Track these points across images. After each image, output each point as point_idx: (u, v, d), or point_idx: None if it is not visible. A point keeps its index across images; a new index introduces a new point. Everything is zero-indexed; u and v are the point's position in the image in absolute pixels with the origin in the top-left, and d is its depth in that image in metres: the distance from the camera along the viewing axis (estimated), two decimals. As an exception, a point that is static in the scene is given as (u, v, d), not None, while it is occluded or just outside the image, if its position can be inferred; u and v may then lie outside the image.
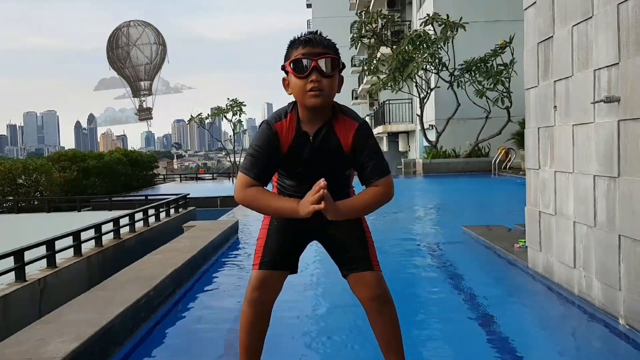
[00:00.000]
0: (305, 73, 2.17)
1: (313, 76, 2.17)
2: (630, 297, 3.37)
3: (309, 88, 2.17)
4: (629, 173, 3.33)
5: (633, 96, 3.26)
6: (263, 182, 2.26)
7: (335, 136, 2.28)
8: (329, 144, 2.28)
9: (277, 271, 2.41)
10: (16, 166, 21.72)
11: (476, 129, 20.49)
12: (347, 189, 2.46)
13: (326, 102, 2.23)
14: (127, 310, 3.62)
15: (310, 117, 2.27)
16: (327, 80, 2.19)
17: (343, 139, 2.27)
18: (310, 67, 2.17)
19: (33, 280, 6.97)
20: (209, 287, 5.10)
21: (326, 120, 2.28)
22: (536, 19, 4.71)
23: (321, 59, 2.18)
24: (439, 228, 8.61)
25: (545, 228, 4.66)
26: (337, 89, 2.26)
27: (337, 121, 2.29)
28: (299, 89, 2.20)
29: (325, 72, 2.18)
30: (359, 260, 2.39)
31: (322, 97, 2.19)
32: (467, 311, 4.14)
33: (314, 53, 2.18)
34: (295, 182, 2.39)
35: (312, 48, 2.19)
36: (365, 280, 2.38)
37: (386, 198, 2.30)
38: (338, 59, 2.23)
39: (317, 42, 2.21)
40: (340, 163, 2.33)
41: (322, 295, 4.69)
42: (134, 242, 10.47)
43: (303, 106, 2.25)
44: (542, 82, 4.64)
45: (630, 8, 3.29)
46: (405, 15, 30.61)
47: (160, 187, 28.04)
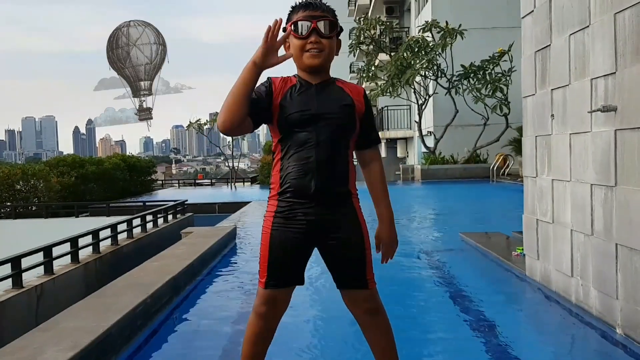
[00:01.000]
0: (305, 34, 2.29)
1: (312, 37, 2.29)
2: (627, 306, 3.38)
3: (308, 48, 2.29)
4: (626, 182, 3.33)
5: (630, 105, 3.28)
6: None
7: (344, 91, 2.38)
8: (337, 96, 2.35)
9: (283, 289, 2.39)
10: (14, 172, 21.68)
11: (474, 135, 20.54)
12: (348, 165, 2.37)
13: (324, 62, 2.33)
14: (124, 318, 3.61)
15: (310, 77, 2.36)
16: (326, 41, 2.30)
17: (355, 97, 2.38)
18: (310, 29, 2.29)
19: (30, 287, 6.95)
20: (206, 295, 5.09)
21: (329, 78, 2.39)
22: (534, 28, 4.73)
23: (320, 21, 2.29)
24: (436, 235, 8.61)
25: (543, 236, 4.66)
26: (335, 52, 2.37)
27: (340, 82, 2.42)
28: (298, 49, 2.31)
29: (324, 33, 2.30)
30: (355, 279, 2.38)
31: (321, 57, 2.31)
32: (464, 319, 4.13)
33: (313, 16, 2.30)
34: (301, 153, 2.28)
35: (312, 11, 2.31)
36: (359, 297, 2.39)
37: (383, 168, 2.49)
38: (336, 22, 2.35)
39: (317, 6, 2.33)
40: (348, 120, 2.33)
41: (319, 298, 4.68)
42: (132, 248, 10.45)
43: (302, 68, 2.36)
44: (539, 90, 4.65)
45: (627, 17, 3.30)
46: (403, 22, 30.73)
47: (158, 193, 28.00)
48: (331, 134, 2.29)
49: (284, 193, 2.32)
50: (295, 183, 2.28)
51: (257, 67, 2.21)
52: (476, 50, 20.09)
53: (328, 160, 2.28)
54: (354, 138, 2.40)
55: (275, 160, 2.38)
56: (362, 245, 2.38)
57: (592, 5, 3.72)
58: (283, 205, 2.33)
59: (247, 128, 2.29)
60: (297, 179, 2.28)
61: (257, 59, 2.20)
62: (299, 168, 2.28)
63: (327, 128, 2.28)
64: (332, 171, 2.30)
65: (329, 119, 2.29)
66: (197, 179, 45.12)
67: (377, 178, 2.45)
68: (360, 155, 2.48)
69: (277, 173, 2.36)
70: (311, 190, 2.27)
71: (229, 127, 2.23)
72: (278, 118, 2.31)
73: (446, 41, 19.32)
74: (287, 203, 2.32)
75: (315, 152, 2.27)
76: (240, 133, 2.36)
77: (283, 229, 2.33)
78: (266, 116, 2.32)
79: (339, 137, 2.31)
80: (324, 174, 2.28)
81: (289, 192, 2.30)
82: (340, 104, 2.33)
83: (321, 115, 2.29)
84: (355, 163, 2.42)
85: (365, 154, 2.46)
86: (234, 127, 2.23)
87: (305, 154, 2.28)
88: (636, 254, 3.25)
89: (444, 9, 22.95)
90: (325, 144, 2.27)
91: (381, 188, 2.45)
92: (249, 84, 2.21)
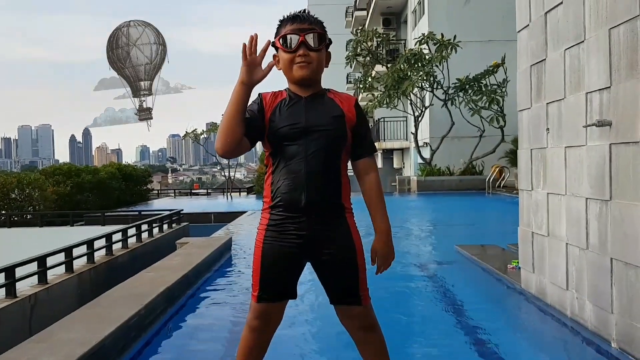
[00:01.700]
0: (293, 47, 2.28)
1: (301, 50, 2.28)
2: (622, 320, 3.38)
3: (297, 61, 2.29)
4: (621, 197, 3.35)
5: (624, 120, 3.29)
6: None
7: (334, 103, 2.36)
8: (328, 108, 2.33)
9: (276, 303, 2.38)
10: (9, 181, 21.60)
11: (470, 147, 20.61)
12: (340, 178, 2.35)
13: (313, 74, 2.32)
14: (118, 329, 3.59)
15: (300, 90, 2.35)
16: (315, 54, 2.30)
17: (345, 107, 2.36)
18: (298, 42, 2.28)
19: (24, 297, 6.90)
20: (201, 306, 5.07)
21: (320, 90, 2.38)
22: (529, 42, 4.76)
23: (308, 33, 2.29)
24: (432, 247, 8.60)
25: (538, 249, 4.66)
26: (325, 64, 2.36)
27: (331, 93, 2.40)
28: (287, 62, 2.30)
29: (312, 46, 2.29)
30: (348, 296, 2.36)
31: (309, 69, 2.29)
32: (459, 332, 4.12)
33: (301, 29, 2.29)
34: (291, 166, 2.27)
35: (300, 24, 2.30)
36: (353, 314, 2.38)
37: (379, 177, 2.45)
38: (325, 34, 2.34)
39: (304, 19, 2.32)
40: (338, 132, 2.31)
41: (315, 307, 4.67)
42: (127, 258, 10.40)
43: (292, 81, 2.34)
44: (534, 104, 4.68)
45: (621, 33, 3.33)
46: (400, 34, 30.88)
47: (154, 203, 27.93)
48: (321, 147, 2.27)
49: (275, 207, 2.31)
50: (286, 197, 2.28)
51: (245, 85, 2.22)
52: (472, 62, 20.23)
53: (318, 173, 2.27)
54: (347, 149, 2.38)
55: (268, 173, 2.38)
56: (354, 261, 2.35)
57: (587, 20, 3.75)
58: (275, 219, 2.32)
59: (244, 148, 2.29)
60: (287, 192, 2.27)
61: (243, 77, 2.21)
62: (289, 182, 2.27)
63: (318, 140, 2.27)
64: (323, 184, 2.28)
65: (319, 132, 2.28)
66: (193, 188, 44.98)
67: (372, 188, 2.40)
68: (355, 165, 2.44)
69: (268, 186, 2.36)
70: (302, 204, 2.26)
71: (228, 150, 2.24)
72: (268, 132, 2.31)
73: (443, 54, 19.43)
74: (279, 217, 2.31)
75: (305, 165, 2.25)
76: (239, 154, 2.35)
77: (275, 242, 2.32)
78: (261, 133, 2.32)
79: (329, 149, 2.29)
80: (315, 187, 2.26)
81: (280, 206, 2.30)
82: (330, 116, 2.31)
83: (311, 128, 2.28)
84: (351, 174, 2.40)
85: (360, 164, 2.42)
86: (232, 149, 2.24)
87: (295, 167, 2.27)
88: (631, 269, 3.26)
89: (440, 21, 23.12)
90: (315, 156, 2.26)
91: (377, 199, 2.40)
92: (240, 103, 2.22)
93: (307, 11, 2.38)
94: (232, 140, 2.23)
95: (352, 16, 39.57)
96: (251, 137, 2.29)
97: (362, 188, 2.43)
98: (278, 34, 2.33)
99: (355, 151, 2.40)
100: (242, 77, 2.22)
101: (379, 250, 2.40)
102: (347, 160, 2.42)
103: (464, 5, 23.63)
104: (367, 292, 2.40)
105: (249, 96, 2.26)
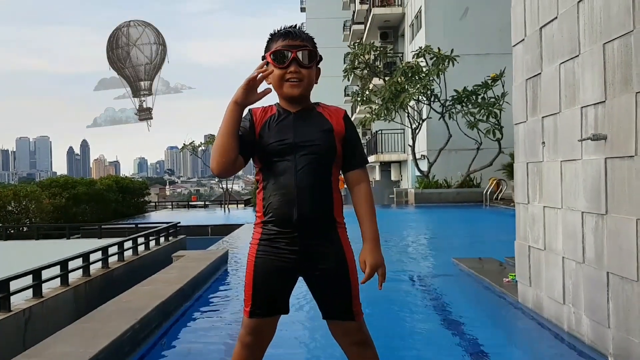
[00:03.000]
0: (285, 64, 2.27)
1: (292, 67, 2.28)
2: (619, 335, 3.36)
3: (288, 78, 2.28)
4: (617, 211, 3.34)
5: (619, 134, 3.30)
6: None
7: (323, 117, 2.35)
8: (316, 122, 2.33)
9: (268, 318, 2.36)
10: (6, 193, 21.57)
11: (467, 159, 20.65)
12: (331, 193, 2.34)
13: (304, 91, 2.32)
14: (112, 344, 3.56)
15: (290, 105, 2.35)
16: (306, 71, 2.30)
17: (334, 121, 2.35)
18: (290, 59, 2.28)
19: (18, 310, 6.87)
20: (196, 320, 5.03)
21: (309, 105, 2.38)
22: (524, 56, 4.78)
23: (300, 50, 2.29)
24: (429, 259, 8.58)
25: (535, 263, 4.65)
26: (315, 80, 2.37)
27: (320, 107, 2.40)
28: (278, 78, 2.30)
29: (304, 63, 2.29)
30: (341, 311, 2.34)
31: (300, 87, 2.30)
32: (455, 346, 4.10)
33: (293, 45, 2.29)
34: (282, 182, 2.27)
35: (292, 40, 2.30)
36: (346, 329, 2.36)
37: (370, 188, 2.44)
38: (316, 52, 2.34)
39: (296, 35, 2.32)
40: (327, 147, 2.30)
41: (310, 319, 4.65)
42: (123, 271, 10.36)
43: (282, 97, 2.35)
44: (530, 117, 4.69)
45: (615, 47, 3.35)
46: (397, 48, 31.05)
47: (151, 215, 27.89)
48: (311, 162, 2.27)
49: (267, 222, 2.31)
50: (278, 212, 2.27)
51: (238, 105, 2.23)
52: (469, 75, 20.32)
53: (309, 188, 2.26)
54: (338, 164, 2.37)
55: (259, 188, 2.38)
56: (347, 277, 2.34)
57: (581, 35, 3.77)
58: (267, 234, 2.31)
59: (239, 165, 2.29)
60: (278, 208, 2.27)
61: (238, 98, 2.22)
62: (280, 197, 2.27)
63: (307, 156, 2.27)
64: (314, 199, 2.27)
65: (308, 147, 2.28)
66: (190, 200, 44.96)
67: (362, 198, 2.37)
68: (347, 177, 2.42)
69: (260, 201, 2.36)
70: (293, 219, 2.25)
71: (223, 169, 2.24)
72: (258, 148, 2.31)
73: (439, 67, 19.53)
74: (271, 232, 2.30)
75: (296, 180, 2.25)
76: (234, 172, 2.34)
77: (268, 257, 2.31)
78: (254, 148, 2.32)
79: (319, 164, 2.29)
80: (306, 202, 2.25)
81: (272, 221, 2.30)
82: (319, 130, 2.31)
83: (299, 143, 2.28)
84: (344, 193, 2.39)
85: (351, 175, 2.40)
86: (228, 167, 2.24)
87: (286, 183, 2.26)
88: (627, 283, 3.25)
89: (437, 35, 23.26)
90: (305, 171, 2.26)
91: (366, 208, 2.37)
92: (234, 123, 2.23)
93: (299, 27, 2.39)
94: (226, 159, 2.23)
95: (349, 30, 39.78)
96: (245, 154, 2.29)
97: (353, 199, 2.41)
98: (269, 49, 2.33)
99: (346, 163, 2.39)
100: (237, 97, 2.22)
101: (368, 259, 2.35)
102: (338, 175, 2.41)
103: (461, 19, 23.82)
104: (360, 307, 2.38)
105: (242, 116, 2.27)
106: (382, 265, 2.36)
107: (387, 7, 30.00)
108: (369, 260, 2.34)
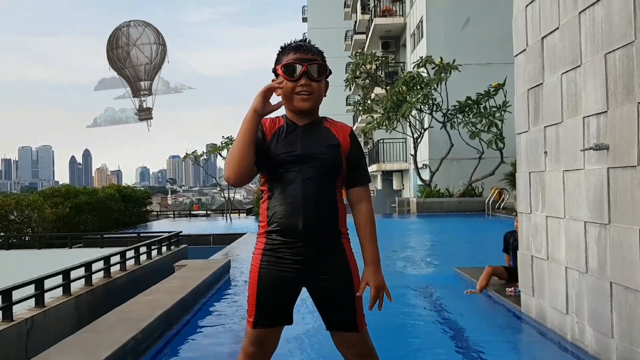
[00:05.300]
0: (296, 77, 2.30)
1: (303, 80, 2.30)
2: (622, 345, 3.35)
3: (298, 91, 2.31)
4: (619, 220, 3.34)
5: (621, 144, 3.30)
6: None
7: (330, 132, 2.38)
8: (324, 137, 2.35)
9: (272, 329, 2.36)
10: (8, 202, 21.59)
11: (469, 169, 20.63)
12: (336, 204, 2.36)
13: (314, 105, 2.35)
14: (114, 354, 3.56)
15: (298, 118, 2.37)
16: (316, 84, 2.33)
17: (341, 137, 2.38)
18: (301, 72, 2.30)
19: (20, 320, 6.85)
20: (198, 329, 5.03)
21: (317, 119, 2.40)
22: (526, 66, 4.80)
23: (311, 64, 2.32)
24: (431, 269, 8.56)
25: (538, 273, 4.64)
26: (324, 93, 2.40)
27: (327, 122, 2.42)
28: (288, 91, 2.32)
29: (314, 76, 2.32)
30: (344, 323, 2.34)
31: (311, 100, 2.33)
32: (458, 356, 4.08)
33: (304, 59, 2.32)
34: (288, 192, 2.29)
35: (303, 54, 2.33)
36: (349, 340, 2.36)
37: (372, 207, 2.44)
38: (326, 66, 2.38)
39: (307, 49, 2.35)
40: (334, 161, 2.33)
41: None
42: (125, 280, 10.34)
43: (291, 110, 2.37)
44: (532, 127, 4.70)
45: (617, 58, 3.36)
46: (399, 57, 31.13)
47: (153, 224, 27.88)
48: (317, 174, 2.29)
49: (272, 232, 2.32)
50: (283, 222, 2.28)
51: (257, 114, 2.24)
52: (471, 85, 20.34)
53: (315, 200, 2.28)
54: (342, 177, 2.39)
55: (264, 198, 2.39)
56: (351, 288, 2.34)
57: (583, 45, 3.78)
58: (271, 244, 2.32)
59: (253, 175, 2.31)
60: (284, 217, 2.28)
61: (258, 107, 2.23)
62: (286, 207, 2.28)
63: (313, 169, 2.29)
64: (319, 210, 2.29)
65: (314, 160, 2.30)
66: (192, 209, 44.95)
67: (364, 219, 2.39)
68: (349, 193, 2.44)
69: (264, 211, 2.37)
70: (299, 229, 2.26)
71: (239, 178, 2.26)
72: (265, 159, 2.32)
73: (441, 77, 19.56)
74: (275, 242, 2.31)
75: (302, 191, 2.27)
76: (249, 181, 2.35)
77: (271, 267, 2.32)
78: (267, 158, 2.33)
79: (325, 176, 2.31)
80: (311, 212, 2.27)
81: (277, 230, 2.30)
82: (326, 145, 2.33)
83: (306, 156, 2.30)
84: (345, 203, 2.41)
85: (353, 192, 2.41)
86: (244, 177, 2.26)
87: (292, 193, 2.28)
88: (630, 293, 3.24)
89: (438, 44, 23.32)
90: (311, 183, 2.28)
91: (369, 230, 2.38)
92: (252, 132, 2.25)
93: (309, 41, 2.43)
94: (244, 169, 2.24)
95: (351, 40, 39.91)
96: (257, 164, 2.30)
97: (354, 217, 2.43)
98: (279, 62, 2.36)
99: (350, 180, 2.41)
100: (257, 106, 2.23)
101: (371, 281, 2.35)
102: (342, 188, 2.42)
103: (462, 29, 23.88)
104: (363, 318, 2.38)
105: (259, 125, 2.28)
106: (385, 287, 2.39)
107: (388, 17, 30.10)
108: (373, 283, 2.35)
